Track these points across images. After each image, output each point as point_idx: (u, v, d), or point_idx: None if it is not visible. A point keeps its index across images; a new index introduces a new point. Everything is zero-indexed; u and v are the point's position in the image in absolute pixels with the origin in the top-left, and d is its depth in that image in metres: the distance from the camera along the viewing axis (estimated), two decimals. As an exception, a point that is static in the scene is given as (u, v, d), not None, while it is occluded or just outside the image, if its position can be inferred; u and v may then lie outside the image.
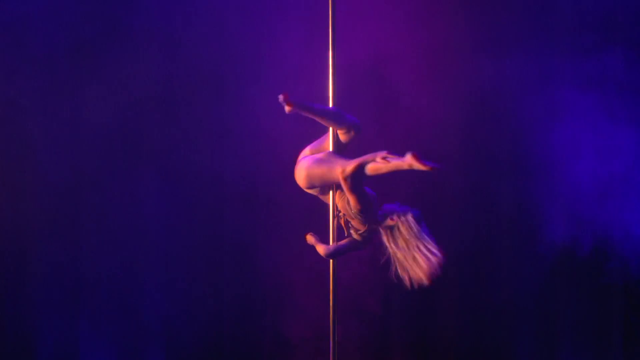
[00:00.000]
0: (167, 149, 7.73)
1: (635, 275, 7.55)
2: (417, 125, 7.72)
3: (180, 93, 7.75)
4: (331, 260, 5.47)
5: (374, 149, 5.20)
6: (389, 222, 5.30)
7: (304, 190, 5.50)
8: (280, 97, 5.26)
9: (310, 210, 6.71)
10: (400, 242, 5.30)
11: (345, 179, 5.19)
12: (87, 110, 7.68)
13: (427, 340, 7.69)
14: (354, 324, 7.63)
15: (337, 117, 5.37)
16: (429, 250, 5.25)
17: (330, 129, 5.40)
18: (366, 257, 7.50)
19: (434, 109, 7.73)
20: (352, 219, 5.34)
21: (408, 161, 5.07)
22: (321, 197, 5.51)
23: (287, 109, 5.27)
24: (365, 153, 5.22)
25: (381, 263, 5.35)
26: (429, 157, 7.59)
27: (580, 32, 7.59)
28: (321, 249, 5.45)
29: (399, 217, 5.31)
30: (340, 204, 5.37)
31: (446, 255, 5.26)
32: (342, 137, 5.43)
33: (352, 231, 5.40)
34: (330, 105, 5.46)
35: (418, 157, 5.07)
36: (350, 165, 5.18)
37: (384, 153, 5.15)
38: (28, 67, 7.62)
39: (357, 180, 5.21)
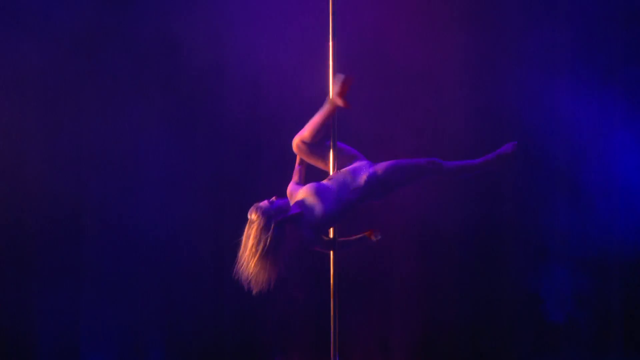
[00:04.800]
0: (168, 150, 7.72)
1: (635, 274, 7.56)
2: (419, 119, 7.71)
3: (180, 93, 7.74)
4: (332, 258, 5.43)
5: (375, 144, 5.19)
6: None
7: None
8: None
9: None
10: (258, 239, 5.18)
11: None
12: (86, 111, 7.68)
13: (429, 337, 7.68)
14: (355, 323, 7.61)
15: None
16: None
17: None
18: (368, 256, 7.50)
19: (436, 104, 7.71)
20: None
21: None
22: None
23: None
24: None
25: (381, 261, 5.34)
26: (431, 152, 7.64)
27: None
28: None
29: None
30: None
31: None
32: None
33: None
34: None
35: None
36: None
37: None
38: (29, 68, 7.63)
39: None
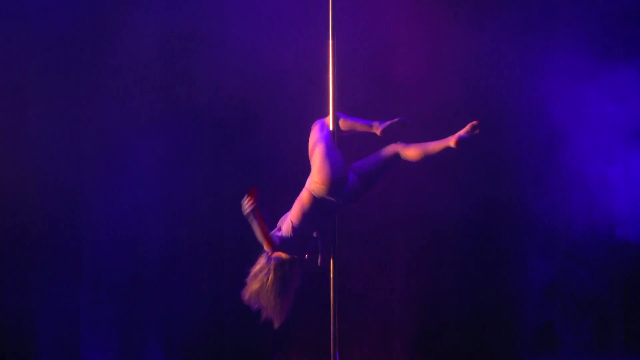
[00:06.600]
0: (168, 148, 7.71)
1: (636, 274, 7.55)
2: (420, 118, 7.68)
3: (179, 90, 7.71)
4: (332, 260, 5.41)
5: (375, 145, 5.18)
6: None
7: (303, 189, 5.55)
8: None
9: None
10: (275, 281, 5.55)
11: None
12: (86, 110, 7.65)
13: (429, 336, 7.67)
14: (355, 322, 7.60)
15: None
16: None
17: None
18: (367, 256, 7.48)
19: (437, 101, 7.69)
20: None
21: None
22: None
23: None
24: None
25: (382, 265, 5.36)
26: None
27: None
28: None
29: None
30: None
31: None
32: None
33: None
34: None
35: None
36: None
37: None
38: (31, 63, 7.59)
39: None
